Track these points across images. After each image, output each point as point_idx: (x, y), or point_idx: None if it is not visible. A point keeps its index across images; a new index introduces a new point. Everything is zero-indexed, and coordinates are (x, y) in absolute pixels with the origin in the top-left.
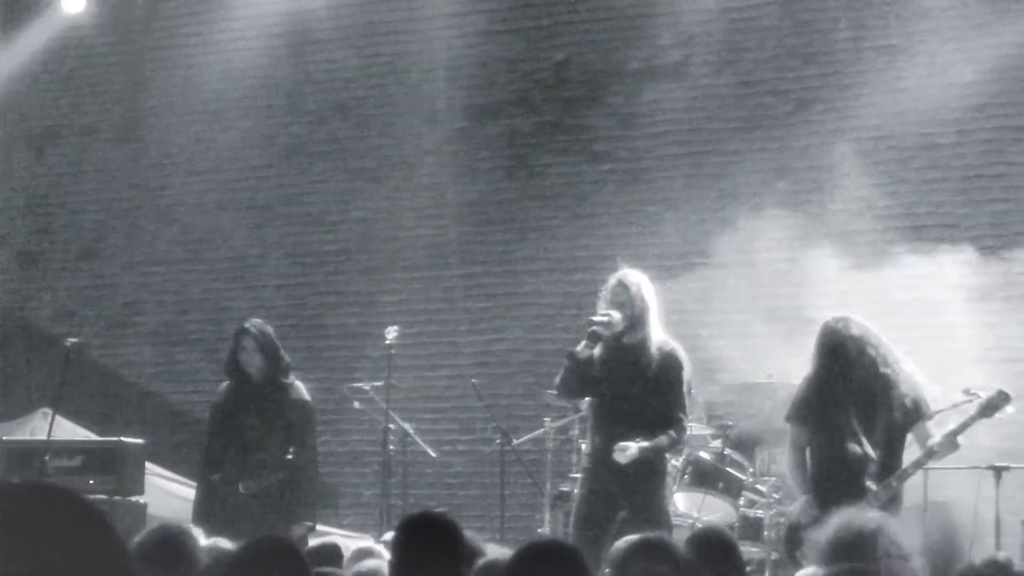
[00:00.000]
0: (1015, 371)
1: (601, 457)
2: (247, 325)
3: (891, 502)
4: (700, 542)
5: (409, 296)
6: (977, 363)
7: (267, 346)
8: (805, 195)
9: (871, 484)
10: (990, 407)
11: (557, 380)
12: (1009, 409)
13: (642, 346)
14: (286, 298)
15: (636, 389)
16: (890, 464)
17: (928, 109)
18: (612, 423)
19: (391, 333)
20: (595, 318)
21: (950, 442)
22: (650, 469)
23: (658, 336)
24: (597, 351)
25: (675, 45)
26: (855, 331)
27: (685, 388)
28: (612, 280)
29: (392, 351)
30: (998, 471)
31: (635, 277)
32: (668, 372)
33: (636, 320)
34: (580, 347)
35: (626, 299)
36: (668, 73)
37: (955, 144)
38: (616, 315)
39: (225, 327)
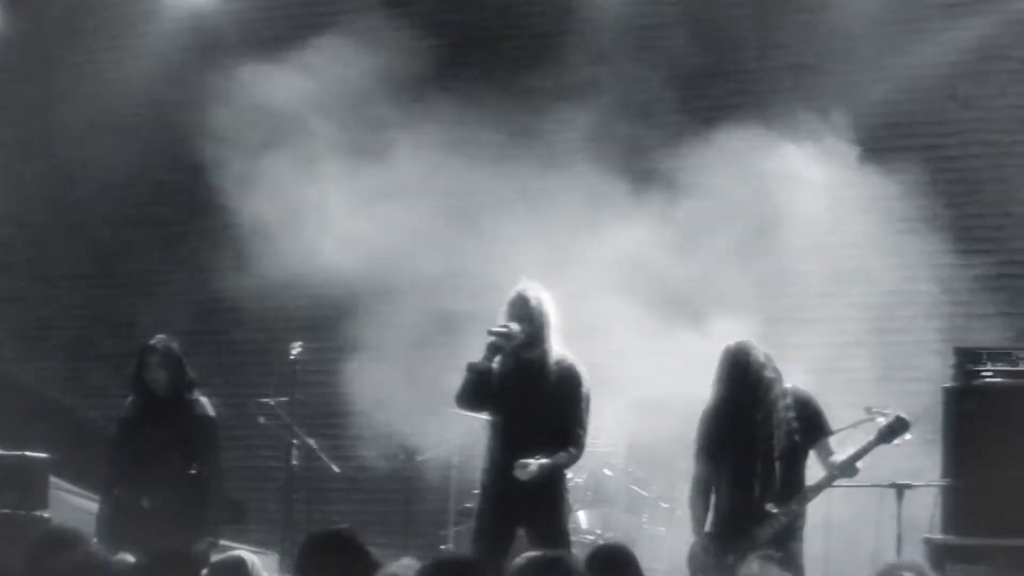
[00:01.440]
0: (917, 390)
1: (500, 472)
2: (152, 342)
3: (793, 523)
4: (600, 559)
5: (316, 312)
6: (880, 382)
7: (172, 362)
8: (716, 213)
9: (772, 507)
10: (889, 433)
11: (456, 392)
12: (907, 436)
13: (541, 361)
14: (194, 313)
15: (535, 404)
16: (792, 484)
17: (839, 128)
18: (511, 438)
19: (295, 348)
20: (493, 329)
21: (849, 467)
22: (549, 485)
23: (557, 351)
24: (497, 365)
25: (585, 63)
26: (756, 355)
27: (583, 404)
28: (512, 293)
29: (296, 366)
30: (900, 489)
31: (536, 291)
32: (566, 387)
33: (535, 334)
34: (480, 359)
35: (526, 313)
36: (578, 91)
37: (865, 163)
38: (515, 327)
39: (134, 342)
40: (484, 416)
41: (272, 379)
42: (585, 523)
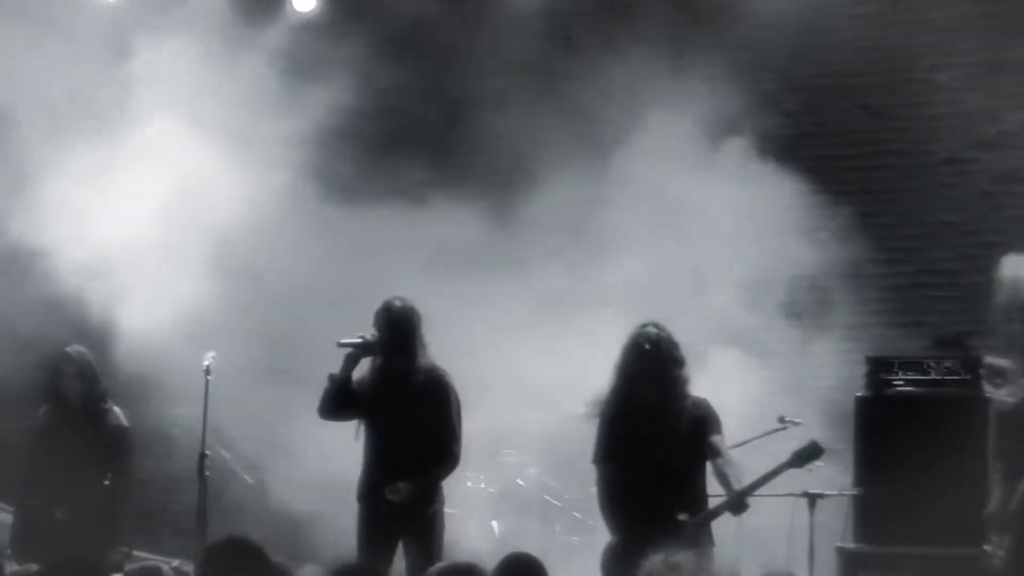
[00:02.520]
0: (829, 399)
1: (373, 482)
2: (68, 351)
3: (701, 534)
4: (508, 569)
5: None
6: (794, 391)
7: (86, 372)
8: (624, 222)
9: (682, 515)
10: (800, 458)
11: (318, 403)
12: (819, 463)
13: (408, 371)
14: (107, 324)
15: (402, 412)
16: (693, 486)
17: (752, 138)
18: (381, 447)
19: (208, 358)
20: (343, 341)
21: (738, 503)
22: (424, 501)
23: (425, 361)
24: (367, 375)
25: (496, 73)
26: (665, 343)
27: (453, 413)
28: (379, 305)
29: (209, 376)
30: (812, 498)
31: (400, 302)
32: (434, 396)
33: (398, 343)
34: (338, 370)
35: (385, 322)
36: (490, 101)
37: (779, 173)
38: (369, 337)
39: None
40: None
41: (187, 388)
42: (498, 533)
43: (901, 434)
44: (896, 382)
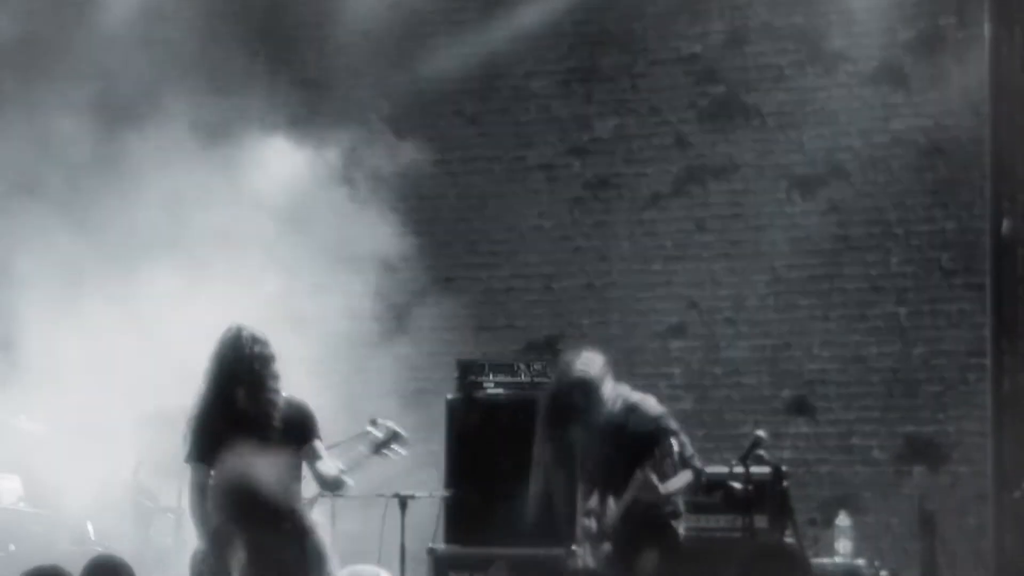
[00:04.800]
0: (425, 402)
1: None
2: None
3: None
4: (94, 571)
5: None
6: (388, 394)
7: None
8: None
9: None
10: (381, 445)
11: None
12: (402, 450)
13: None
14: None
15: None
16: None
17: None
18: None
19: None
20: None
21: (334, 481)
22: None
23: None
24: None
25: (90, 77)
26: (248, 341)
27: None
28: None
29: None
30: (403, 500)
31: None
32: None
33: None
34: None
35: None
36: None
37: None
38: None
39: None
40: None
41: None
42: (92, 534)
43: (490, 436)
44: (486, 385)
